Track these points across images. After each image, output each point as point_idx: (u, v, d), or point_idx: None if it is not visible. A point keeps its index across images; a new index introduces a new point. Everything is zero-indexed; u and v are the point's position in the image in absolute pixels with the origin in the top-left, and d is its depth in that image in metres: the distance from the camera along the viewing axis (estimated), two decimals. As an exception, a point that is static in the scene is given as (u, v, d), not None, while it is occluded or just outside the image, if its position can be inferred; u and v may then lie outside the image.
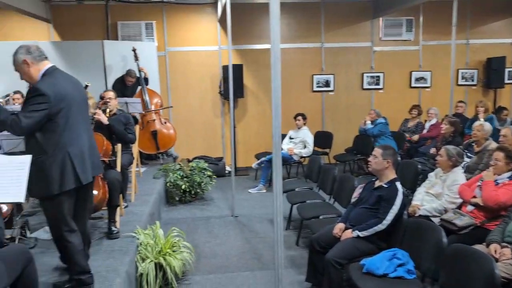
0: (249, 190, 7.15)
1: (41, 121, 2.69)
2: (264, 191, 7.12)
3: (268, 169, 7.22)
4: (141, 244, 3.90)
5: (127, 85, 7.09)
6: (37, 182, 2.74)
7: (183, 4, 8.35)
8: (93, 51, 7.33)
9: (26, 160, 2.55)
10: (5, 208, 3.69)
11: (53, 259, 3.47)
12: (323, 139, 8.17)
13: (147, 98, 7.15)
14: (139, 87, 7.25)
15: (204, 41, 8.56)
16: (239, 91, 8.06)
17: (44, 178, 2.75)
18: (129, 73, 7.05)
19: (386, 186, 3.55)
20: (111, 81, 7.25)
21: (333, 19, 8.75)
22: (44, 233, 4.06)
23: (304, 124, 7.43)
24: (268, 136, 8.76)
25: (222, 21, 8.13)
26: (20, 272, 2.28)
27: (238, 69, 7.91)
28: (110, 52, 7.43)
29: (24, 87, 5.40)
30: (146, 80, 7.26)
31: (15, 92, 5.96)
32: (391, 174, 3.62)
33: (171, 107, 8.33)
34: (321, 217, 4.42)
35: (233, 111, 6.28)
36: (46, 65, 2.84)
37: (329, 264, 3.30)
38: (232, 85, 5.86)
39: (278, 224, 2.15)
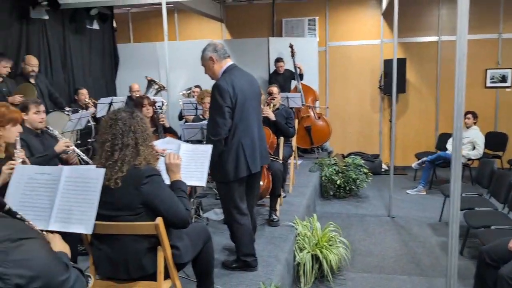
0: (408, 191, 6.81)
1: (230, 115, 2.98)
2: (424, 193, 6.71)
3: (430, 170, 6.80)
4: (299, 234, 4.05)
5: (279, 73, 7.34)
6: (216, 169, 3.07)
7: (348, -2, 8.34)
8: (259, 48, 7.80)
9: (208, 149, 2.87)
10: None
11: (221, 239, 3.83)
12: (495, 140, 7.35)
13: (302, 93, 7.29)
14: (294, 83, 7.41)
15: (366, 35, 8.39)
16: (401, 86, 7.70)
17: (222, 166, 3.05)
18: (277, 59, 7.32)
19: None
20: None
21: (516, 6, 7.77)
22: (214, 215, 4.50)
23: (474, 123, 6.76)
24: (430, 135, 8.26)
25: (386, 14, 7.86)
26: (201, 248, 2.57)
27: (401, 63, 7.55)
28: (274, 48, 7.80)
29: (202, 81, 6.06)
30: (301, 76, 7.38)
31: (196, 86, 6.71)
32: None
33: (327, 108, 8.32)
34: (492, 227, 4.03)
35: (395, 107, 6.05)
36: (228, 62, 3.14)
37: (503, 280, 2.99)
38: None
39: (454, 231, 2.03)
